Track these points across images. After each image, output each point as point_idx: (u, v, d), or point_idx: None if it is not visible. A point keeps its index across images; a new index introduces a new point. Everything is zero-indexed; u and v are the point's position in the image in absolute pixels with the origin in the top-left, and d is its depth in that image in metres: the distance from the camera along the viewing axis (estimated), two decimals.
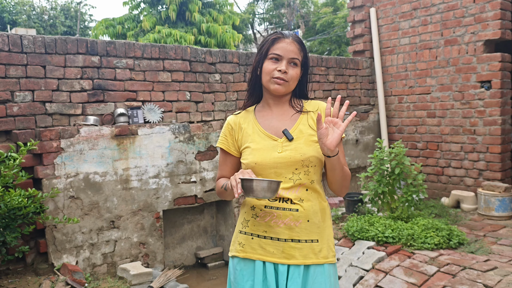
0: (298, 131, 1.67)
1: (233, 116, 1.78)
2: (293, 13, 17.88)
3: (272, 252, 1.63)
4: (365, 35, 6.24)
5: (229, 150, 1.75)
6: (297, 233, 1.62)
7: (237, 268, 1.69)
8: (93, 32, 13.04)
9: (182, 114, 4.51)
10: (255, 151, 1.65)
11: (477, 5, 5.11)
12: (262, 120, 1.72)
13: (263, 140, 1.67)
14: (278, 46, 1.64)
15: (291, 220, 1.62)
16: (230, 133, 1.76)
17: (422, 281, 3.26)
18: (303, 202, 1.63)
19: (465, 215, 4.91)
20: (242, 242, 1.69)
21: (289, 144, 1.64)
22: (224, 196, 1.73)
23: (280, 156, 1.62)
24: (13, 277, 3.34)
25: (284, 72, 1.63)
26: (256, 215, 1.66)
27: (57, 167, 3.50)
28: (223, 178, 1.77)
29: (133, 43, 4.18)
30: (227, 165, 1.78)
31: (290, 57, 1.64)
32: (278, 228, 1.63)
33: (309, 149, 1.63)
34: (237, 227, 1.76)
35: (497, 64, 5.01)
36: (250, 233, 1.67)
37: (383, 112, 6.07)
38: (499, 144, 5.07)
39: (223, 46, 12.24)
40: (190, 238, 4.56)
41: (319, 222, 1.66)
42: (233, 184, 1.49)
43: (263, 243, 1.65)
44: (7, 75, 3.52)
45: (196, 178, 4.23)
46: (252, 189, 1.48)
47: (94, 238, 3.69)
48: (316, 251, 1.64)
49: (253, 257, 1.65)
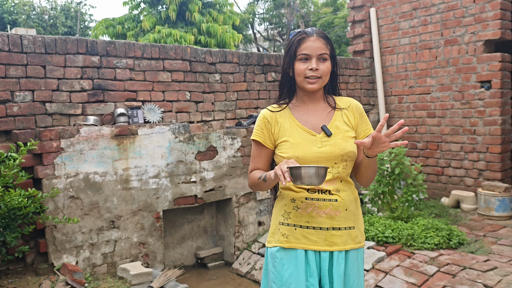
0: (335, 127, 1.76)
1: (268, 111, 1.83)
2: (293, 13, 17.87)
3: (315, 240, 1.74)
4: (365, 35, 6.24)
5: (264, 143, 1.81)
6: (337, 222, 1.74)
7: (277, 257, 1.76)
8: (93, 32, 13.04)
9: (182, 114, 4.51)
10: (295, 145, 1.73)
11: (477, 5, 5.11)
12: (299, 116, 1.79)
13: (302, 134, 1.75)
14: (304, 46, 1.71)
15: (331, 210, 1.73)
16: (266, 126, 1.81)
17: (422, 281, 3.26)
18: (340, 192, 1.74)
19: (465, 215, 4.91)
20: (286, 233, 1.76)
21: (328, 140, 1.73)
22: (260, 187, 1.79)
23: (320, 150, 1.71)
24: (13, 277, 3.34)
25: (315, 69, 1.70)
26: (297, 207, 1.75)
27: (57, 167, 3.50)
28: (257, 170, 1.82)
29: (133, 43, 4.18)
30: (262, 157, 1.83)
31: (318, 54, 1.71)
32: (320, 218, 1.73)
33: (347, 145, 1.73)
34: (275, 219, 1.82)
35: (497, 64, 5.01)
36: (293, 224, 1.76)
37: (383, 112, 6.07)
38: (499, 144, 5.07)
39: (223, 46, 12.24)
40: (190, 238, 4.56)
41: (355, 210, 1.79)
42: (279, 173, 1.54)
43: (306, 233, 1.74)
44: (7, 75, 3.52)
45: (196, 178, 4.23)
46: (300, 176, 1.54)
47: (94, 238, 3.69)
48: (353, 237, 1.78)
49: (297, 246, 1.74)
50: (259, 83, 5.10)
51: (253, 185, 1.83)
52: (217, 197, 4.39)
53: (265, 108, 1.86)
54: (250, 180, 1.84)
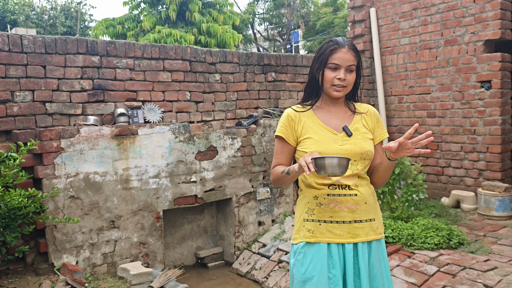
0: (355, 128, 1.89)
1: (292, 110, 1.95)
2: (293, 13, 17.87)
3: (339, 234, 1.84)
4: (365, 35, 6.24)
5: (287, 139, 1.92)
6: (359, 215, 1.85)
7: (301, 251, 1.86)
8: (93, 32, 13.03)
9: (182, 114, 4.51)
10: (318, 142, 1.85)
11: (477, 5, 5.11)
12: (322, 116, 1.92)
13: (324, 133, 1.87)
14: (336, 56, 1.84)
15: (352, 204, 1.84)
16: (290, 124, 1.92)
17: (422, 281, 3.26)
18: (358, 187, 1.85)
19: (465, 215, 4.91)
20: (311, 229, 1.87)
21: (348, 139, 1.86)
22: (283, 181, 1.88)
23: (341, 148, 1.83)
24: (13, 277, 3.34)
25: (343, 80, 1.84)
26: (320, 203, 1.86)
27: (57, 167, 3.50)
28: (280, 166, 1.92)
29: (133, 43, 4.19)
30: (284, 153, 1.94)
31: (348, 65, 1.84)
32: (342, 212, 1.84)
33: (366, 144, 1.87)
34: (299, 217, 1.92)
35: (497, 64, 5.01)
36: (317, 220, 1.86)
37: (383, 112, 6.07)
38: (499, 144, 5.07)
39: (223, 46, 12.24)
40: (190, 238, 4.56)
41: (373, 203, 1.91)
42: (303, 163, 1.63)
43: (330, 227, 1.84)
44: (7, 75, 3.52)
45: (196, 178, 4.23)
46: (324, 166, 1.63)
47: (94, 238, 3.69)
48: (374, 228, 1.88)
49: (323, 240, 1.84)
50: (259, 83, 5.10)
51: (276, 179, 1.91)
52: (217, 197, 4.39)
53: (290, 108, 1.97)
54: (273, 174, 1.93)
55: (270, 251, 4.28)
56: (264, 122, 4.72)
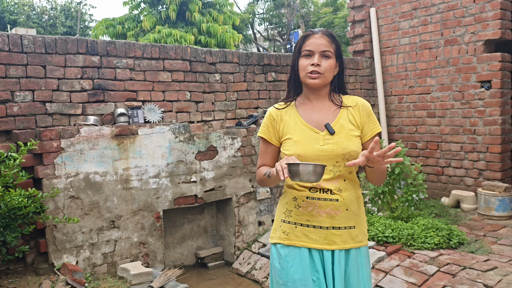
0: (339, 125, 1.78)
1: (275, 109, 1.88)
2: (293, 13, 17.87)
3: (315, 239, 1.77)
4: (365, 35, 6.24)
5: (270, 140, 1.86)
6: (338, 221, 1.76)
7: (281, 254, 1.81)
8: (93, 32, 13.04)
9: (182, 114, 4.51)
10: (298, 143, 1.76)
11: (477, 5, 5.11)
12: (304, 113, 1.82)
13: (305, 132, 1.78)
14: (308, 42, 1.76)
15: (332, 209, 1.76)
16: (271, 124, 1.86)
17: (422, 281, 3.26)
18: (341, 192, 1.76)
19: (465, 215, 4.91)
20: (286, 231, 1.81)
21: (330, 138, 1.75)
22: (266, 183, 1.84)
23: (322, 148, 1.74)
24: (13, 277, 3.34)
25: (317, 65, 1.73)
26: (298, 205, 1.79)
27: (57, 167, 3.50)
28: (264, 167, 1.87)
29: (133, 43, 4.19)
30: (268, 154, 1.88)
31: (321, 50, 1.74)
32: (320, 217, 1.76)
33: (350, 143, 1.75)
34: (278, 216, 1.87)
35: (497, 64, 5.01)
36: (294, 222, 1.80)
37: (383, 112, 6.07)
38: (499, 144, 5.07)
39: (223, 46, 12.24)
40: (190, 238, 4.56)
41: (356, 210, 1.80)
42: (279, 168, 1.58)
43: (306, 231, 1.78)
44: (7, 75, 3.52)
45: (196, 178, 4.23)
46: (298, 172, 1.57)
47: (94, 238, 3.69)
48: (353, 236, 1.79)
49: (298, 244, 1.78)
50: (259, 83, 5.10)
51: (260, 180, 1.88)
52: (217, 197, 4.39)
53: (272, 106, 1.91)
54: (258, 176, 1.90)
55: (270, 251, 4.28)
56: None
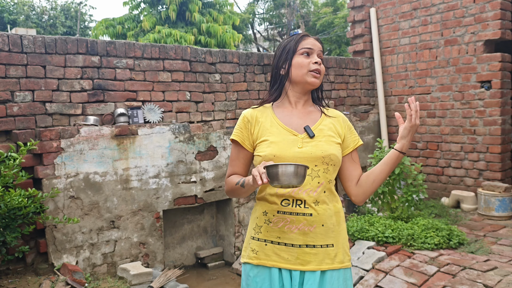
0: (319, 130, 1.66)
1: (250, 110, 1.73)
2: (293, 13, 17.87)
3: (286, 258, 1.59)
4: (365, 35, 6.24)
5: (243, 143, 1.70)
6: (312, 238, 1.58)
7: (250, 275, 1.65)
8: (93, 32, 13.03)
9: (182, 114, 4.51)
10: (274, 144, 1.61)
11: (477, 5, 5.11)
12: (282, 116, 1.69)
13: (282, 134, 1.64)
14: (307, 41, 1.68)
15: (305, 225, 1.58)
16: (245, 126, 1.70)
17: (422, 281, 3.26)
18: (318, 205, 1.59)
19: (465, 215, 4.91)
20: (256, 249, 1.64)
21: (309, 141, 1.62)
22: (237, 194, 1.66)
23: (300, 151, 1.59)
24: (13, 277, 3.34)
25: (320, 63, 1.66)
26: (269, 220, 1.62)
27: (57, 167, 3.50)
28: (235, 175, 1.70)
29: (133, 43, 4.18)
30: (239, 160, 1.72)
31: (319, 51, 1.68)
32: (292, 234, 1.58)
33: (330, 147, 1.62)
34: (248, 232, 1.71)
35: (497, 64, 5.01)
36: (264, 239, 1.63)
37: (383, 112, 6.07)
38: (499, 144, 5.07)
39: (223, 46, 12.24)
40: (190, 238, 4.56)
41: (334, 226, 1.62)
42: (256, 174, 1.41)
43: (277, 249, 1.60)
44: (7, 75, 3.52)
45: (196, 178, 4.23)
46: (277, 174, 1.39)
47: (94, 238, 3.69)
48: (331, 256, 1.60)
49: (267, 263, 1.61)
50: (259, 83, 5.10)
51: (230, 191, 1.69)
52: (217, 197, 4.39)
53: (249, 108, 1.76)
54: (227, 185, 1.70)
55: None
56: None
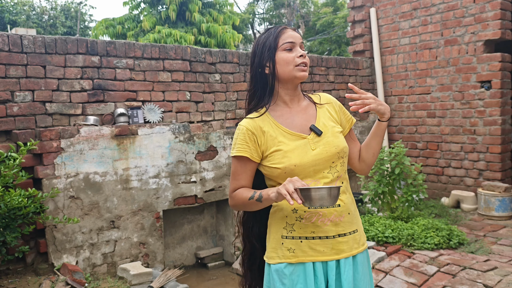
0: (322, 125, 1.66)
1: (249, 121, 1.65)
2: (293, 13, 17.87)
3: (322, 251, 1.63)
4: (365, 35, 6.24)
5: (252, 157, 1.64)
6: (342, 228, 1.65)
7: (285, 273, 1.62)
8: (93, 32, 13.04)
9: (182, 114, 4.51)
10: (289, 153, 1.59)
11: (477, 5, 5.11)
12: (282, 120, 1.65)
13: (292, 140, 1.62)
14: (287, 35, 1.63)
15: (336, 216, 1.63)
16: (250, 138, 1.63)
17: (422, 281, 3.26)
18: (342, 195, 1.64)
19: (465, 215, 4.91)
20: (292, 247, 1.64)
21: (319, 140, 1.63)
22: (250, 208, 1.64)
23: (316, 153, 1.60)
24: (13, 277, 3.34)
25: (305, 56, 1.62)
26: (300, 217, 1.62)
27: (57, 167, 3.50)
28: (243, 189, 1.66)
29: (133, 43, 4.19)
30: (247, 173, 1.67)
31: (301, 42, 1.64)
32: (326, 226, 1.62)
33: (339, 140, 1.65)
34: (276, 233, 1.67)
35: (497, 64, 5.01)
36: (298, 237, 1.63)
37: None
38: (499, 144, 5.07)
39: (223, 46, 12.24)
40: (190, 238, 4.56)
41: (355, 211, 1.71)
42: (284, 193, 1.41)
43: (312, 244, 1.63)
44: (7, 75, 3.52)
45: (196, 178, 4.23)
46: (310, 198, 1.41)
47: (94, 238, 3.69)
48: (357, 240, 1.69)
49: (305, 260, 1.62)
50: None
51: (241, 205, 1.66)
52: (217, 197, 4.39)
53: (244, 119, 1.67)
54: (236, 200, 1.66)
55: None
56: None
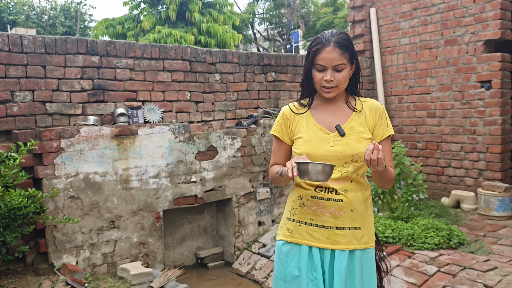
0: (349, 127, 1.80)
1: (288, 107, 1.91)
2: (293, 13, 17.86)
3: (318, 238, 1.80)
4: (365, 35, 6.24)
5: (282, 138, 1.89)
6: (342, 222, 1.79)
7: (282, 250, 1.86)
8: (93, 32, 13.04)
9: (182, 114, 4.51)
10: (308, 142, 1.79)
11: (477, 5, 5.11)
12: (316, 114, 1.85)
13: (316, 132, 1.81)
14: (320, 57, 1.75)
15: (336, 209, 1.78)
16: (284, 122, 1.89)
17: (422, 281, 3.26)
18: (347, 192, 1.78)
19: (465, 215, 4.91)
20: (291, 228, 1.86)
21: (340, 139, 1.77)
22: (278, 181, 1.85)
23: (331, 149, 1.76)
24: (13, 277, 3.34)
25: (329, 81, 1.75)
26: (303, 204, 1.83)
27: (57, 167, 3.50)
28: (276, 165, 1.90)
29: (133, 43, 4.18)
30: (281, 152, 1.91)
31: (333, 65, 1.74)
32: (324, 216, 1.79)
33: (359, 145, 1.76)
34: (284, 214, 1.93)
35: (497, 64, 5.01)
36: (298, 221, 1.84)
37: None
38: (499, 144, 5.07)
39: (223, 46, 12.24)
40: (190, 238, 4.56)
41: (362, 211, 1.81)
42: (288, 166, 1.63)
43: (310, 229, 1.81)
44: (7, 75, 3.52)
45: (196, 178, 4.23)
46: (307, 171, 1.62)
47: (94, 238, 3.68)
48: (358, 237, 1.80)
49: (301, 242, 1.82)
50: (259, 83, 5.10)
51: (272, 179, 1.89)
52: (217, 197, 4.39)
53: (287, 105, 1.93)
54: (270, 174, 1.92)
55: (270, 251, 4.28)
56: (264, 122, 4.72)
